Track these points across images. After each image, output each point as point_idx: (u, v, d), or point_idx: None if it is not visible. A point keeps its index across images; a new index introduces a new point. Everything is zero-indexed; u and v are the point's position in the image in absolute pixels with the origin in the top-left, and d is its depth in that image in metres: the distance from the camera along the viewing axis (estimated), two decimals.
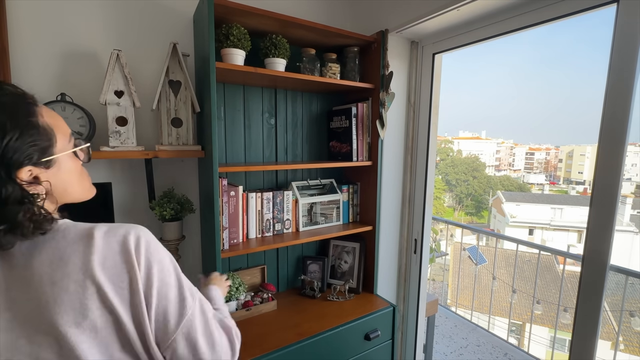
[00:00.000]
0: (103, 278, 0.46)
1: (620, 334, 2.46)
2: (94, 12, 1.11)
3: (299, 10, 1.52)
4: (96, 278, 0.45)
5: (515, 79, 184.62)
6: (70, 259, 0.45)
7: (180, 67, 1.14)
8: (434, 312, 2.08)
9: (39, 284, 0.44)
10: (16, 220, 0.43)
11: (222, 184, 1.18)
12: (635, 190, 24.69)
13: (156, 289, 0.50)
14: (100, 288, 0.45)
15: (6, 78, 0.97)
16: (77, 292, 0.44)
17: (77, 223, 0.51)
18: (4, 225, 0.43)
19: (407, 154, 1.70)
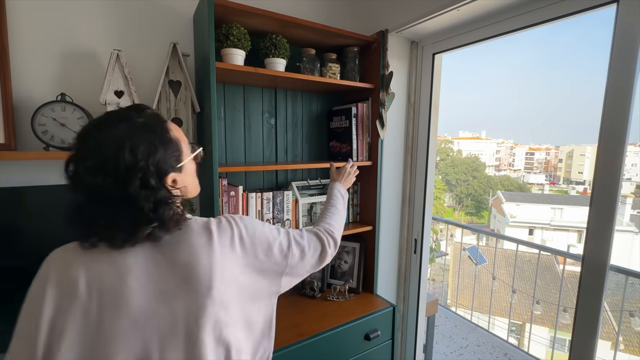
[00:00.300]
0: (220, 258, 0.59)
1: (620, 334, 2.46)
2: (94, 12, 1.11)
3: (299, 10, 1.52)
4: (217, 260, 0.58)
5: (515, 79, 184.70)
6: (199, 249, 0.58)
7: (180, 67, 1.14)
8: (434, 312, 2.08)
9: (181, 268, 0.56)
10: (164, 219, 0.54)
11: (222, 184, 1.18)
12: (635, 190, 24.69)
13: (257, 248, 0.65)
14: (221, 268, 0.58)
15: (6, 78, 0.97)
16: (207, 271, 0.57)
17: (195, 218, 0.63)
18: (156, 223, 0.54)
19: (407, 154, 1.70)
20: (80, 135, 0.54)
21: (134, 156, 0.52)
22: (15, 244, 0.90)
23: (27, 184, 1.03)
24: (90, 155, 0.52)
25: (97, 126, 0.54)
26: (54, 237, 0.94)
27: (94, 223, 0.52)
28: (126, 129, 0.53)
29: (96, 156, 0.51)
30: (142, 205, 0.52)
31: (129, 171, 0.51)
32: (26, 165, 1.05)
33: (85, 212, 0.52)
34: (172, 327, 0.54)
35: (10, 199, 0.89)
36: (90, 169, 0.51)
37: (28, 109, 0.98)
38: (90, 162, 0.51)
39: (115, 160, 0.51)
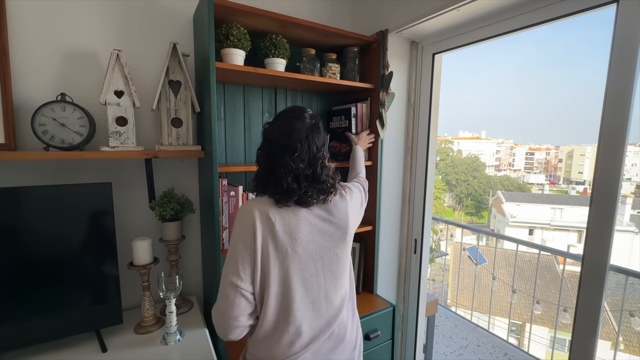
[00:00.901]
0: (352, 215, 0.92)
1: (620, 334, 2.46)
2: (94, 12, 1.11)
3: (299, 10, 1.52)
4: (351, 215, 0.91)
5: (515, 79, 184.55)
6: (341, 206, 0.89)
7: (180, 67, 1.14)
8: (434, 312, 2.08)
9: (338, 221, 0.87)
10: (337, 187, 0.87)
11: (222, 184, 1.18)
12: (635, 190, 24.69)
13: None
14: (351, 220, 0.91)
15: (6, 78, 0.97)
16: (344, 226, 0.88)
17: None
18: (334, 190, 0.86)
19: (407, 154, 1.70)
20: (284, 127, 0.80)
21: (317, 148, 0.81)
22: (15, 244, 0.90)
23: (27, 184, 1.03)
24: (294, 149, 0.78)
25: (293, 122, 0.81)
26: (53, 237, 0.94)
27: (295, 193, 0.78)
28: (310, 127, 0.81)
29: (297, 150, 0.78)
30: (325, 180, 0.82)
31: (313, 159, 0.80)
32: (26, 165, 1.05)
33: (288, 186, 0.77)
34: (326, 250, 0.84)
35: (10, 199, 0.89)
36: (294, 159, 0.78)
37: (28, 109, 0.98)
38: (294, 154, 0.78)
39: (308, 152, 0.79)
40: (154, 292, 1.18)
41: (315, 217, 0.84)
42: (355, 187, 1.00)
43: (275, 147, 0.79)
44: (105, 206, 1.00)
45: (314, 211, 0.84)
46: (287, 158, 0.77)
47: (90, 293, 1.01)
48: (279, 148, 0.79)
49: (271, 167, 0.79)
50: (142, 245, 1.07)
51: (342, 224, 0.87)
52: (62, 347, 0.98)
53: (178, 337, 1.04)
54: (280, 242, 0.78)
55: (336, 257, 0.86)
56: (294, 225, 0.80)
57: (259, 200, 0.81)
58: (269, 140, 0.81)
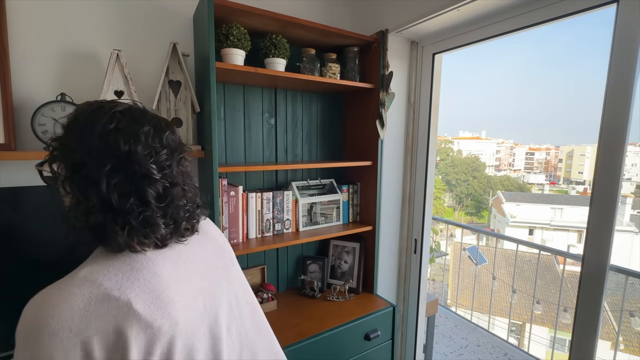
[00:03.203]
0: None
1: (620, 334, 2.46)
2: (94, 12, 1.11)
3: (299, 10, 1.52)
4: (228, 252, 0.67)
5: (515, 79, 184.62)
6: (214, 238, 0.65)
7: (180, 67, 1.14)
8: (434, 312, 2.08)
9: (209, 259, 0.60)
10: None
11: (222, 184, 1.18)
12: (635, 190, 24.68)
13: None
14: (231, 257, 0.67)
15: (6, 78, 0.97)
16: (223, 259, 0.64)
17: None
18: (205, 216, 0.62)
19: (407, 154, 1.70)
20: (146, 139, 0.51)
21: (186, 162, 0.58)
22: (14, 244, 0.90)
23: (27, 184, 1.03)
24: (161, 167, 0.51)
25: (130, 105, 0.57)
26: (53, 237, 0.94)
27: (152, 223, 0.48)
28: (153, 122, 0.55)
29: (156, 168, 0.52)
30: (178, 204, 0.53)
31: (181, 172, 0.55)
32: (26, 165, 1.05)
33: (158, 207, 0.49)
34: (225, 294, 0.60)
35: (10, 199, 0.89)
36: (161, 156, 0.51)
37: (28, 109, 0.98)
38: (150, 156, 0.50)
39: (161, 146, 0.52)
40: None
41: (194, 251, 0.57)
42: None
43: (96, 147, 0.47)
44: None
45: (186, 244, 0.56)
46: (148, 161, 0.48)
47: None
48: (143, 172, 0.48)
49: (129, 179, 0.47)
50: None
51: (223, 243, 0.66)
52: None
53: None
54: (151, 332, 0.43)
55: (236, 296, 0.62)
56: (165, 283, 0.48)
57: (81, 273, 0.45)
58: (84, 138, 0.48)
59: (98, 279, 0.43)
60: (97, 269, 0.45)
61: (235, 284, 0.63)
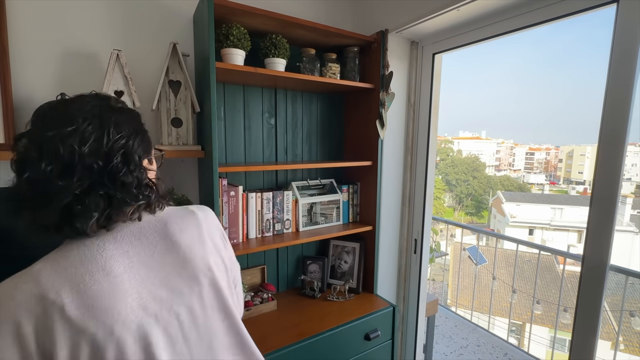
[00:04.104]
0: (209, 240, 0.61)
1: (620, 334, 2.46)
2: (94, 12, 1.11)
3: (299, 10, 1.52)
4: (207, 241, 0.61)
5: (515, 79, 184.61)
6: (188, 229, 0.59)
7: (180, 67, 1.14)
8: (434, 312, 2.08)
9: (175, 250, 0.56)
10: (150, 198, 0.55)
11: (222, 184, 1.18)
12: (635, 190, 24.68)
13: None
14: (211, 246, 0.61)
15: (6, 78, 0.97)
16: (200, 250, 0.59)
17: (173, 207, 0.64)
18: (143, 201, 0.54)
19: (407, 154, 1.70)
20: (47, 107, 0.51)
21: (119, 132, 0.51)
22: (14, 244, 0.90)
23: None
24: (67, 123, 0.47)
25: (70, 101, 0.52)
26: (53, 237, 0.94)
27: (59, 198, 0.46)
28: (107, 107, 0.53)
29: (75, 124, 0.48)
30: (125, 180, 0.51)
31: (112, 144, 0.50)
32: None
33: (50, 185, 0.45)
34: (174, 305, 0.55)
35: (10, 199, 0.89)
36: (66, 134, 0.46)
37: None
38: (66, 128, 0.47)
39: (100, 131, 0.49)
40: None
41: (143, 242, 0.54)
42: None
43: (36, 121, 0.50)
44: None
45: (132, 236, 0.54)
46: (49, 132, 0.46)
47: None
48: (40, 124, 0.49)
49: (25, 158, 0.47)
50: None
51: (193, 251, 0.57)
52: None
53: None
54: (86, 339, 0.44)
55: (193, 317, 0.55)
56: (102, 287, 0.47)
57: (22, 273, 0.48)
58: (35, 115, 0.51)
59: (42, 279, 0.46)
60: (47, 265, 0.48)
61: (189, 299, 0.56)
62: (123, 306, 0.48)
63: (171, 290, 0.53)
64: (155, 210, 0.57)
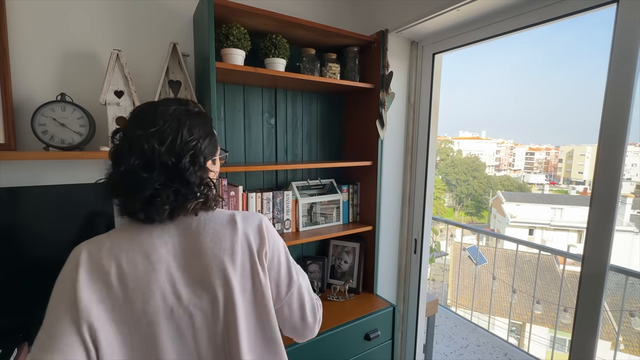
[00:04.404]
0: (240, 252, 0.62)
1: (620, 334, 2.45)
2: (94, 12, 1.11)
3: (299, 10, 1.52)
4: (244, 251, 0.62)
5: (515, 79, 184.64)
6: (223, 238, 0.61)
7: (180, 67, 1.14)
8: (434, 312, 2.08)
9: (201, 255, 0.59)
10: (208, 196, 0.61)
11: (222, 184, 1.18)
12: (635, 190, 24.68)
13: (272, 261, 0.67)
14: (240, 259, 0.61)
15: (6, 78, 0.97)
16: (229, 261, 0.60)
17: (220, 210, 0.66)
18: (202, 199, 0.60)
19: (407, 154, 1.70)
20: (139, 109, 0.60)
21: (191, 134, 0.58)
22: (14, 244, 0.90)
23: (27, 184, 1.03)
24: (152, 125, 0.56)
25: (158, 104, 0.60)
26: (53, 237, 0.94)
27: (143, 189, 0.54)
28: (185, 111, 0.61)
29: (157, 125, 0.56)
30: (193, 181, 0.58)
31: (183, 145, 0.57)
32: (26, 165, 1.05)
33: (137, 177, 0.54)
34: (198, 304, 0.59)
35: (10, 199, 0.89)
36: (150, 135, 0.55)
37: (28, 109, 0.98)
38: (151, 129, 0.55)
39: (175, 133, 0.57)
40: None
41: (176, 241, 0.59)
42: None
43: (130, 122, 0.59)
44: (105, 206, 1.00)
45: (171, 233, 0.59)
46: (139, 131, 0.55)
47: None
48: (133, 121, 0.58)
49: (120, 151, 0.57)
50: None
51: (220, 259, 0.59)
52: None
53: None
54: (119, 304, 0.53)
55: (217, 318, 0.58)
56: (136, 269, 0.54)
57: (98, 238, 0.58)
58: (129, 117, 0.61)
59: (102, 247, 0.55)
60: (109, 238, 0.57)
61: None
62: (147, 291, 0.54)
63: (192, 292, 0.57)
64: (210, 208, 0.62)
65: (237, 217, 0.65)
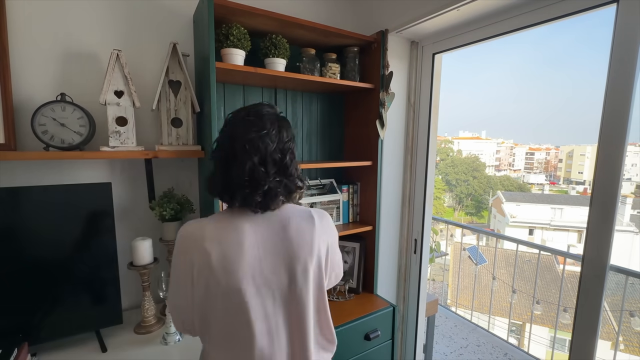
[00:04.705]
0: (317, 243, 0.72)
1: (620, 334, 2.45)
2: (94, 12, 1.11)
3: (299, 10, 1.52)
4: (318, 243, 0.72)
5: (515, 79, 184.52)
6: (305, 230, 0.72)
7: (180, 67, 1.14)
8: (434, 312, 2.08)
9: (288, 242, 0.69)
10: (304, 186, 0.74)
11: None
12: (635, 190, 24.69)
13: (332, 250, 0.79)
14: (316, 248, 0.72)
15: (6, 78, 0.97)
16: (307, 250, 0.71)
17: (295, 205, 0.77)
18: (304, 189, 0.75)
19: (407, 154, 1.70)
20: (247, 114, 0.69)
21: (287, 135, 0.70)
22: (14, 244, 0.90)
23: (27, 184, 1.03)
24: (262, 128, 0.66)
25: (259, 110, 0.70)
26: (53, 237, 0.94)
27: (264, 182, 0.65)
28: (278, 116, 0.72)
29: (266, 128, 0.66)
30: (293, 174, 0.70)
31: (284, 145, 0.69)
32: (26, 165, 1.05)
33: (258, 172, 0.65)
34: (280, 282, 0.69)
35: (10, 199, 0.89)
36: (263, 136, 0.66)
37: (28, 109, 0.98)
38: (262, 131, 0.66)
39: (279, 134, 0.68)
40: (154, 292, 1.18)
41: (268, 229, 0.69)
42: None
43: (238, 126, 0.68)
44: (105, 206, 1.00)
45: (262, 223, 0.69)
46: (253, 135, 0.65)
47: (90, 293, 1.01)
48: (243, 125, 0.67)
49: (232, 151, 0.66)
50: (142, 245, 1.07)
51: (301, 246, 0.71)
52: (62, 347, 0.98)
53: (178, 337, 1.04)
54: (218, 280, 0.64)
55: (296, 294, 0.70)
56: (234, 251, 0.65)
57: (200, 221, 0.69)
58: (230, 123, 0.70)
59: (206, 231, 0.66)
60: (212, 223, 0.68)
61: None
62: (240, 271, 0.64)
63: (275, 274, 0.68)
64: (298, 200, 0.75)
65: (313, 213, 0.76)
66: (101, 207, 0.99)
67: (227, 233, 0.66)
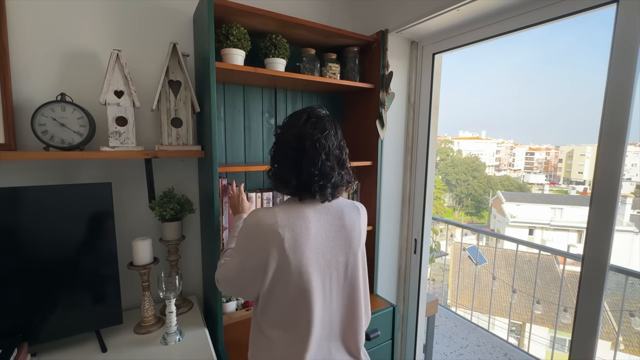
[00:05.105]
0: (363, 231, 0.87)
1: (620, 334, 2.46)
2: (94, 12, 1.11)
3: (299, 10, 1.52)
4: (362, 231, 0.87)
5: (515, 79, 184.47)
6: (355, 219, 0.84)
7: (180, 67, 1.14)
8: (434, 312, 2.08)
9: (344, 229, 0.82)
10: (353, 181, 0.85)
11: (222, 184, 1.18)
12: (635, 190, 24.69)
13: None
14: (363, 236, 0.87)
15: (6, 78, 0.97)
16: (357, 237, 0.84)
17: (341, 197, 0.87)
18: (357, 182, 0.90)
19: (407, 154, 1.70)
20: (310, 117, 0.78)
21: (342, 136, 0.82)
22: (14, 244, 0.90)
23: (27, 184, 1.03)
24: (324, 129, 0.76)
25: (318, 112, 0.79)
26: (53, 237, 0.94)
27: (332, 176, 0.76)
28: (331, 118, 0.81)
29: (327, 130, 0.77)
30: (348, 167, 0.82)
31: (339, 143, 0.80)
32: (26, 165, 1.05)
33: (326, 167, 0.75)
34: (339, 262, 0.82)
35: (10, 199, 0.89)
36: (327, 136, 0.76)
37: (28, 109, 0.98)
38: (324, 132, 0.76)
39: (337, 134, 0.79)
40: (154, 292, 1.18)
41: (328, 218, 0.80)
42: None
43: (303, 128, 0.76)
44: (105, 206, 1.00)
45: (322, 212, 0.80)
46: (318, 134, 0.75)
47: (90, 293, 1.01)
48: (308, 127, 0.76)
49: (301, 148, 0.75)
50: (142, 245, 1.07)
51: (353, 233, 0.83)
52: (62, 347, 0.98)
53: (178, 337, 1.04)
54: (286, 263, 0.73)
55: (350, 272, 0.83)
56: (303, 236, 0.75)
57: (268, 210, 0.77)
58: (294, 125, 0.78)
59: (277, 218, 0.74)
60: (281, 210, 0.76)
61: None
62: (307, 253, 0.74)
63: (334, 257, 0.80)
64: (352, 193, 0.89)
65: (358, 205, 0.88)
66: (101, 207, 0.99)
67: (296, 220, 0.75)
